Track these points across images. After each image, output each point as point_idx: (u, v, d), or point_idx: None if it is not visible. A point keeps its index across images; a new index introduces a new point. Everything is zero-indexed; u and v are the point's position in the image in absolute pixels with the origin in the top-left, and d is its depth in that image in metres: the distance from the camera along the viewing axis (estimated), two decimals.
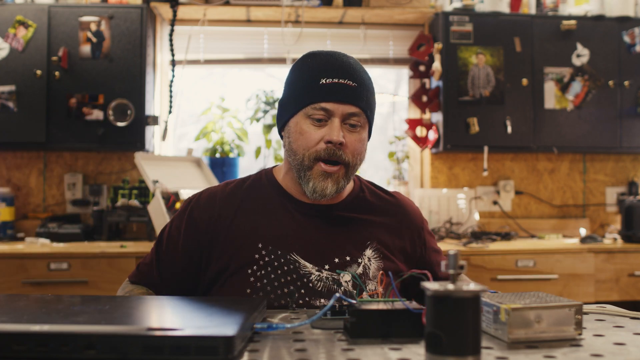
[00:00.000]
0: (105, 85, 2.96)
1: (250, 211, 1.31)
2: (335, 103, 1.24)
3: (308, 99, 1.25)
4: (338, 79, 1.24)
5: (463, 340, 0.71)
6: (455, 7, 3.22)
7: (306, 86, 1.26)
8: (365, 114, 1.27)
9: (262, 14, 3.26)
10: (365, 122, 1.29)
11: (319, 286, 1.24)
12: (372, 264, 1.29)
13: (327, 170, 1.24)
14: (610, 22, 3.22)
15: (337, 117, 1.24)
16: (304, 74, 1.29)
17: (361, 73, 1.29)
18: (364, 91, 1.27)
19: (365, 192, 1.39)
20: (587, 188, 3.51)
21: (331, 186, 1.25)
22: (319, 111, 1.24)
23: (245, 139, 3.41)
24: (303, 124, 1.26)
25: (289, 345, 0.84)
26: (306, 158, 1.25)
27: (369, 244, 1.31)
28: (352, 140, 1.26)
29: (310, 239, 1.28)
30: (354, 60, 1.31)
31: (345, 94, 1.24)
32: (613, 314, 1.09)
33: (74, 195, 3.21)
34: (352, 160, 1.26)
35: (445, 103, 3.13)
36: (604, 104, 3.20)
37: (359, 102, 1.26)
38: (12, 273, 2.51)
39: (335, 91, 1.24)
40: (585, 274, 2.77)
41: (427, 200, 3.30)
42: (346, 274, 1.26)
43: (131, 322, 0.86)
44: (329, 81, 1.24)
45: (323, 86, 1.24)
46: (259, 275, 1.24)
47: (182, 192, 2.77)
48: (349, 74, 1.26)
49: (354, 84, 1.25)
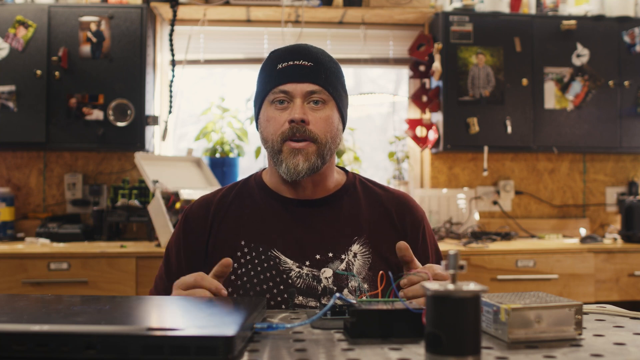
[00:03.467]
0: (105, 85, 2.96)
1: (237, 213, 1.34)
2: (292, 83, 1.27)
3: (269, 86, 1.29)
4: (293, 61, 1.28)
5: (463, 340, 0.71)
6: (455, 7, 3.22)
7: (267, 75, 1.31)
8: (327, 91, 1.29)
9: (262, 14, 3.26)
10: (330, 99, 1.30)
11: (298, 283, 1.24)
12: (357, 260, 1.28)
13: (295, 147, 1.26)
14: (610, 22, 3.22)
15: (298, 97, 1.27)
16: (266, 67, 1.33)
17: (318, 54, 1.32)
18: (322, 69, 1.29)
19: (356, 186, 1.39)
20: (587, 188, 3.51)
21: (302, 162, 1.25)
22: (278, 94, 1.28)
23: (245, 139, 3.41)
24: (269, 111, 1.30)
25: (289, 345, 0.84)
26: (275, 142, 1.28)
27: (357, 239, 1.30)
28: (316, 118, 1.27)
29: (293, 235, 1.29)
30: (315, 47, 1.35)
31: (301, 74, 1.27)
32: (613, 314, 1.09)
33: (74, 195, 3.21)
34: (321, 137, 1.27)
35: (445, 103, 3.14)
36: (604, 104, 3.20)
37: (317, 80, 1.28)
38: (12, 273, 2.51)
39: (291, 72, 1.27)
40: (585, 274, 2.77)
41: (427, 200, 3.30)
42: (327, 270, 1.26)
43: (131, 322, 0.86)
44: (284, 65, 1.28)
45: (280, 70, 1.28)
46: (240, 273, 1.26)
47: (182, 192, 2.77)
48: (303, 55, 1.29)
49: (310, 64, 1.28)
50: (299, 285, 1.24)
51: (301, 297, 1.24)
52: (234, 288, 1.26)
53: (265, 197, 1.35)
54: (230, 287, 1.25)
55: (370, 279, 1.26)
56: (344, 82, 1.37)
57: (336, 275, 1.25)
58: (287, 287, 1.24)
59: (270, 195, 1.35)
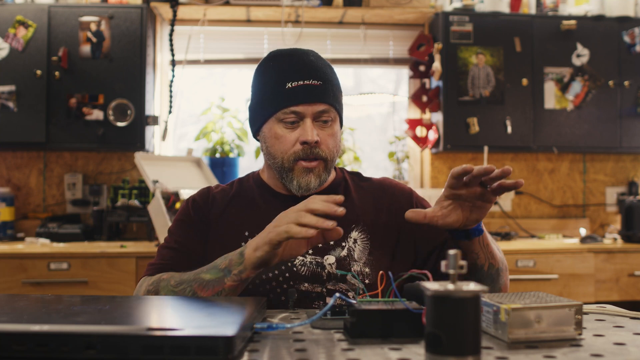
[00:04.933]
0: (105, 85, 2.96)
1: (238, 207, 1.38)
2: (304, 105, 1.28)
3: (277, 105, 1.29)
4: (303, 81, 1.28)
5: (463, 340, 0.71)
6: (455, 7, 3.22)
7: (274, 91, 1.30)
8: (334, 108, 1.31)
9: (262, 14, 3.26)
10: (336, 116, 1.33)
11: (302, 270, 1.28)
12: (357, 246, 1.32)
13: (308, 167, 1.29)
14: (610, 22, 3.21)
15: (308, 118, 1.28)
16: (270, 78, 1.32)
17: (324, 69, 1.32)
18: (330, 87, 1.31)
19: (347, 180, 1.44)
20: (587, 188, 3.51)
21: (314, 180, 1.30)
22: (289, 115, 1.28)
23: (245, 139, 3.41)
24: (277, 128, 1.30)
25: (289, 345, 0.84)
26: (285, 161, 1.30)
27: (354, 227, 1.34)
28: (326, 136, 1.30)
29: None
30: (315, 56, 1.35)
31: (313, 94, 1.28)
32: (613, 314, 1.09)
33: (74, 195, 3.21)
34: (330, 155, 1.31)
35: (445, 103, 3.13)
36: (604, 104, 3.20)
37: (327, 99, 1.29)
38: (12, 273, 2.51)
39: (302, 93, 1.28)
40: (585, 274, 2.77)
41: (427, 201, 3.29)
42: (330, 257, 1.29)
43: (131, 322, 0.86)
44: (294, 84, 1.28)
45: (290, 90, 1.28)
46: None
47: (182, 192, 2.77)
48: (313, 74, 1.29)
49: (319, 83, 1.29)
50: (304, 273, 1.27)
51: (307, 284, 1.27)
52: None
53: (264, 193, 1.40)
54: None
55: (371, 263, 1.30)
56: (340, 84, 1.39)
57: (339, 261, 1.29)
58: (292, 274, 1.27)
59: (269, 192, 1.39)
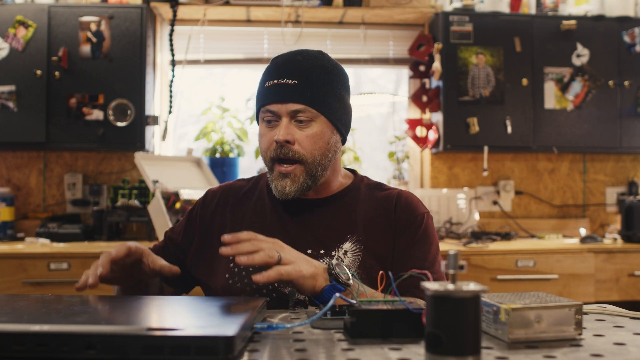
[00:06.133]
0: (105, 85, 2.96)
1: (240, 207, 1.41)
2: (277, 104, 1.28)
3: (259, 103, 1.33)
4: (278, 80, 1.28)
5: (463, 340, 0.71)
6: (455, 7, 3.22)
7: (258, 91, 1.34)
8: (313, 108, 1.28)
9: (262, 14, 3.26)
10: (317, 116, 1.29)
11: None
12: (347, 258, 1.30)
13: (282, 171, 1.29)
14: (610, 22, 3.21)
15: (284, 117, 1.28)
16: (261, 78, 1.35)
17: (306, 69, 1.30)
18: (307, 86, 1.28)
19: (360, 189, 1.40)
20: (587, 188, 3.51)
21: (290, 185, 1.29)
22: (267, 114, 1.30)
23: (245, 139, 3.41)
24: (261, 127, 1.34)
25: (289, 345, 0.84)
26: (266, 160, 1.32)
27: (349, 237, 1.31)
28: (302, 137, 1.28)
29: (288, 231, 1.33)
30: (305, 57, 1.32)
31: (285, 93, 1.27)
32: (613, 314, 1.09)
33: (74, 195, 3.21)
34: (308, 156, 1.28)
35: (445, 103, 3.13)
36: (604, 104, 3.20)
37: (300, 99, 1.27)
38: (12, 273, 2.51)
39: (275, 92, 1.28)
40: (585, 274, 2.77)
41: (427, 200, 3.30)
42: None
43: (131, 322, 0.86)
44: (270, 83, 1.30)
45: (266, 89, 1.30)
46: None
47: (182, 192, 2.77)
48: (288, 73, 1.28)
49: (294, 82, 1.27)
50: None
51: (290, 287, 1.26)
52: (231, 275, 1.31)
53: (268, 196, 1.41)
54: (228, 274, 1.32)
55: (360, 276, 1.27)
56: (342, 90, 1.35)
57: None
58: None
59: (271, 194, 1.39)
